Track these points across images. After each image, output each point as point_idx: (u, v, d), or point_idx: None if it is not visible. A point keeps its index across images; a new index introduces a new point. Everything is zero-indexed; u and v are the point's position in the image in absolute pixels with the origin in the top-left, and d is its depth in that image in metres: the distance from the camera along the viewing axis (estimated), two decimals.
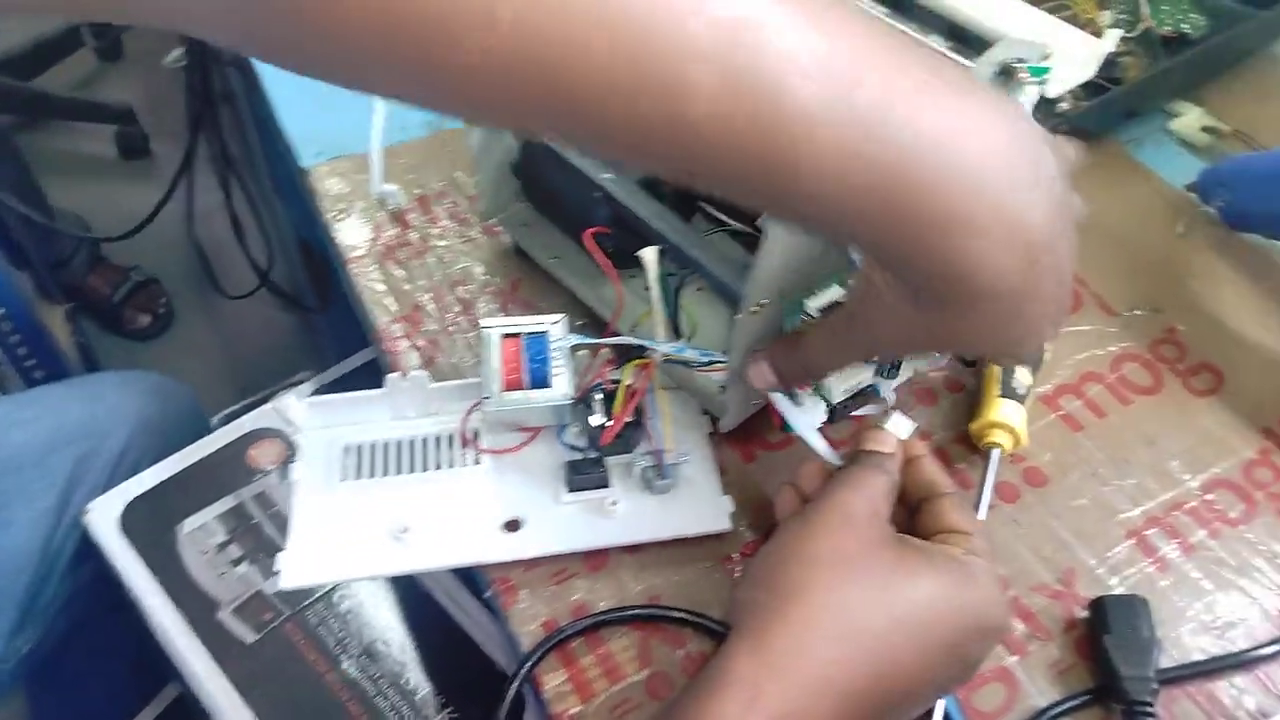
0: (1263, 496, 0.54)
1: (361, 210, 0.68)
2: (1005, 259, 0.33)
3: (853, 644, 0.38)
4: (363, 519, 0.52)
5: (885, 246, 0.33)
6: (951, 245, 0.32)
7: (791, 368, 0.46)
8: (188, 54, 1.09)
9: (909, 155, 0.31)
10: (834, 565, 0.39)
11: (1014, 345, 0.37)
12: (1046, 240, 0.33)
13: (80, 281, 1.62)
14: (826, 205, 0.32)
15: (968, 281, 0.33)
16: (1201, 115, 0.72)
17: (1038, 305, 0.35)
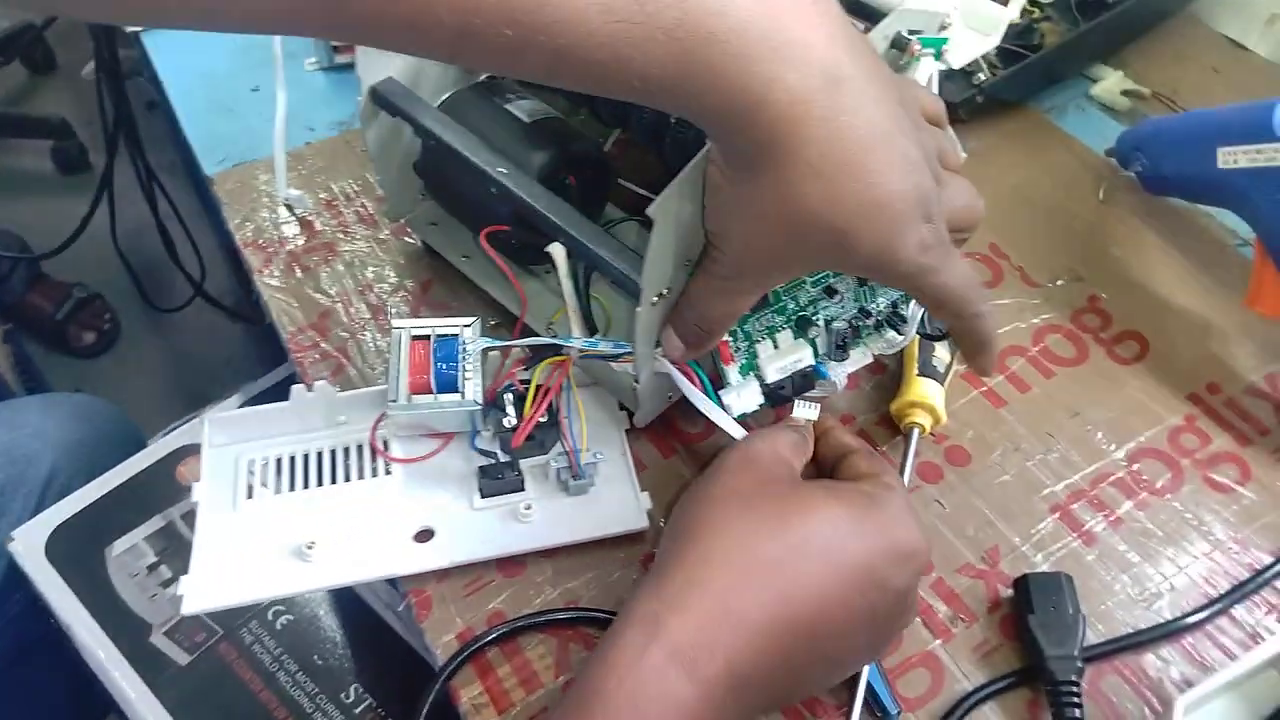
0: (1189, 464, 0.54)
1: (267, 217, 0.66)
2: (797, 77, 0.33)
3: (749, 573, 0.38)
4: (268, 537, 0.50)
5: (675, 84, 0.33)
6: (740, 67, 0.32)
7: (687, 328, 0.44)
8: (98, 66, 1.06)
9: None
10: (727, 501, 0.40)
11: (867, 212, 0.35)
12: (837, 61, 0.33)
13: (19, 300, 1.59)
14: (601, 44, 0.31)
15: (766, 108, 0.33)
16: (1121, 79, 0.72)
17: (864, 148, 0.34)
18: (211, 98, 0.75)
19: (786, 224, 0.36)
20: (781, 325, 0.49)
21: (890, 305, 0.51)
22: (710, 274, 0.42)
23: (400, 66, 0.54)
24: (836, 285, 0.50)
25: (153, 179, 1.24)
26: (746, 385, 0.49)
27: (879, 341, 0.52)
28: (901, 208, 0.36)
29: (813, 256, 0.40)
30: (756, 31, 0.32)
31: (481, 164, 0.50)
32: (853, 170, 0.35)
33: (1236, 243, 0.63)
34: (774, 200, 0.36)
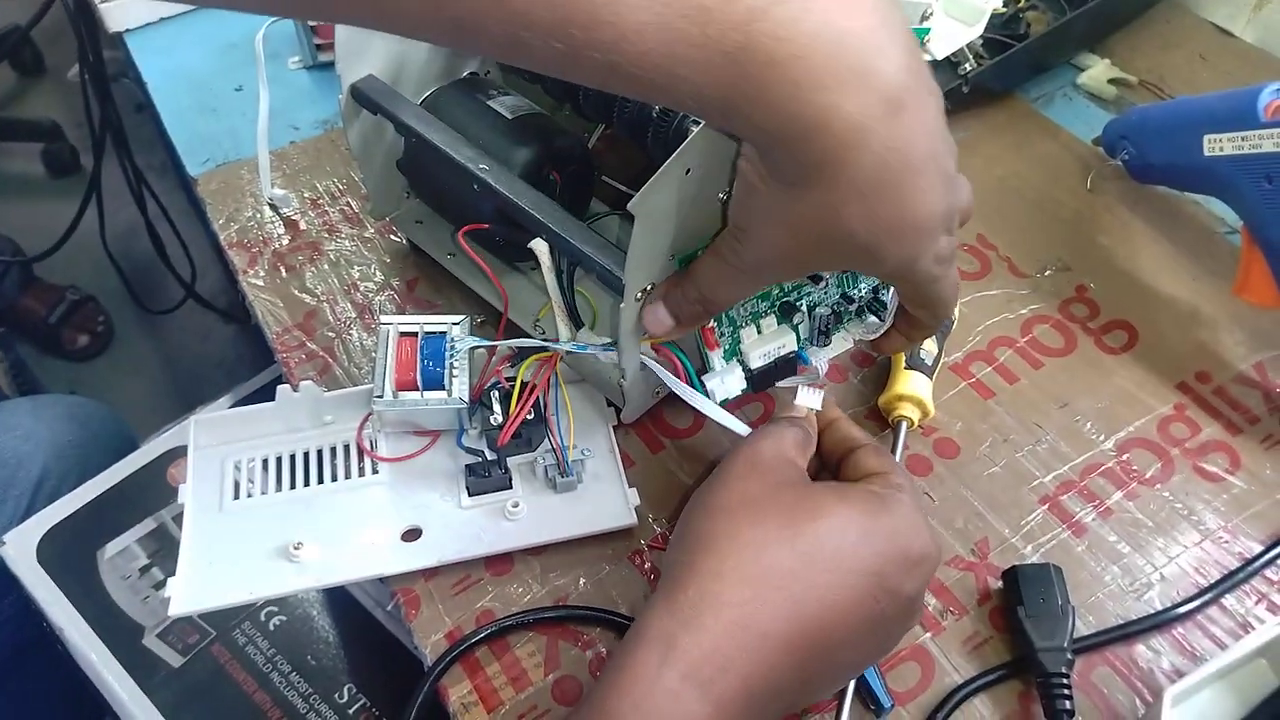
0: (1179, 453, 0.54)
1: (252, 216, 0.66)
2: (857, 105, 0.32)
3: (763, 584, 0.37)
4: (256, 538, 0.50)
5: (729, 105, 0.32)
6: (799, 95, 0.31)
7: (686, 305, 0.43)
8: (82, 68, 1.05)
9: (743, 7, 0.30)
10: (739, 510, 0.39)
11: (898, 233, 0.35)
12: (902, 87, 0.32)
13: (12, 303, 1.59)
14: (657, 64, 0.31)
15: (821, 135, 0.32)
16: (1108, 67, 0.72)
17: (913, 172, 0.34)
18: (195, 98, 0.75)
19: (820, 236, 0.36)
20: (766, 310, 0.49)
21: (871, 291, 0.51)
22: (725, 260, 0.41)
23: (381, 64, 0.54)
24: (821, 272, 0.49)
25: (141, 181, 1.23)
26: (730, 371, 0.48)
27: (859, 327, 0.52)
28: (931, 226, 0.36)
29: (836, 262, 0.40)
30: (820, 58, 0.31)
31: (464, 161, 0.50)
32: (894, 194, 0.34)
33: (1224, 230, 0.63)
34: (812, 217, 0.35)
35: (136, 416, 0.93)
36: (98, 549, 0.73)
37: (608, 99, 0.51)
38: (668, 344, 0.48)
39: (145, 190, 1.23)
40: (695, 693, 0.35)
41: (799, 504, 0.39)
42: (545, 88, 0.55)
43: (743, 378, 0.49)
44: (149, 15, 0.81)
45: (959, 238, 0.61)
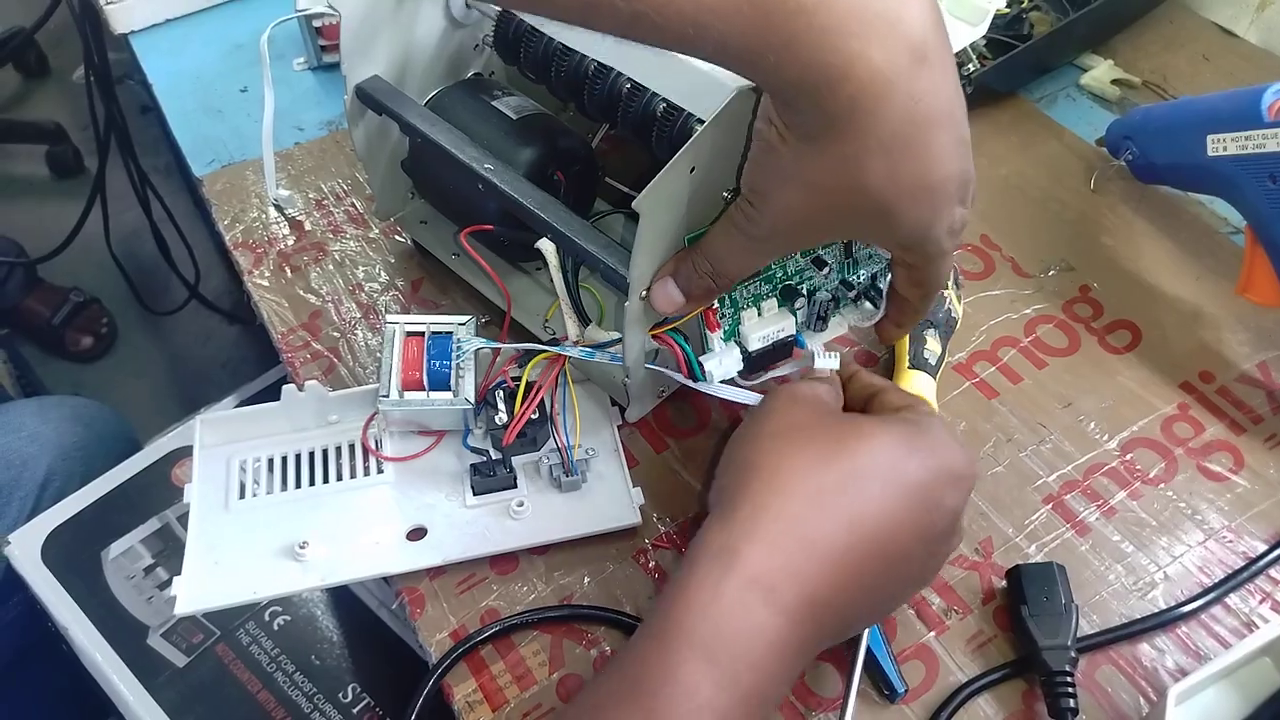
0: (1182, 453, 0.54)
1: (257, 217, 0.66)
2: (883, 54, 0.31)
3: (815, 498, 0.38)
4: (261, 537, 0.50)
5: (755, 53, 0.32)
6: (825, 42, 0.31)
7: (696, 279, 0.43)
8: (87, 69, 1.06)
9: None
10: (786, 435, 0.40)
11: (918, 192, 0.35)
12: (926, 39, 0.32)
13: (16, 305, 1.59)
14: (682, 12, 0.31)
15: (847, 84, 0.32)
16: (1111, 68, 0.72)
17: (936, 127, 0.34)
18: (200, 99, 0.75)
19: (839, 195, 0.36)
20: (768, 294, 0.49)
21: (870, 278, 0.51)
22: (738, 229, 0.41)
23: (386, 65, 0.54)
24: (825, 257, 0.49)
25: (146, 182, 1.23)
26: (728, 352, 0.48)
27: (855, 313, 0.52)
28: (948, 190, 0.36)
29: (850, 227, 0.40)
30: (847, 4, 0.31)
31: (468, 161, 0.50)
32: (917, 151, 0.34)
33: (1227, 230, 0.63)
34: (833, 171, 0.35)
35: (139, 418, 0.94)
36: (102, 549, 0.73)
37: (612, 99, 0.51)
38: (670, 332, 0.48)
39: (150, 192, 1.23)
40: (760, 600, 0.36)
41: (843, 427, 0.40)
42: (550, 88, 0.55)
43: (739, 359, 0.49)
44: (154, 17, 0.81)
45: (965, 237, 0.61)
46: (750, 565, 0.36)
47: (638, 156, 0.60)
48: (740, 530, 0.37)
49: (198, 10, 0.83)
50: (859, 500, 0.38)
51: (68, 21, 1.04)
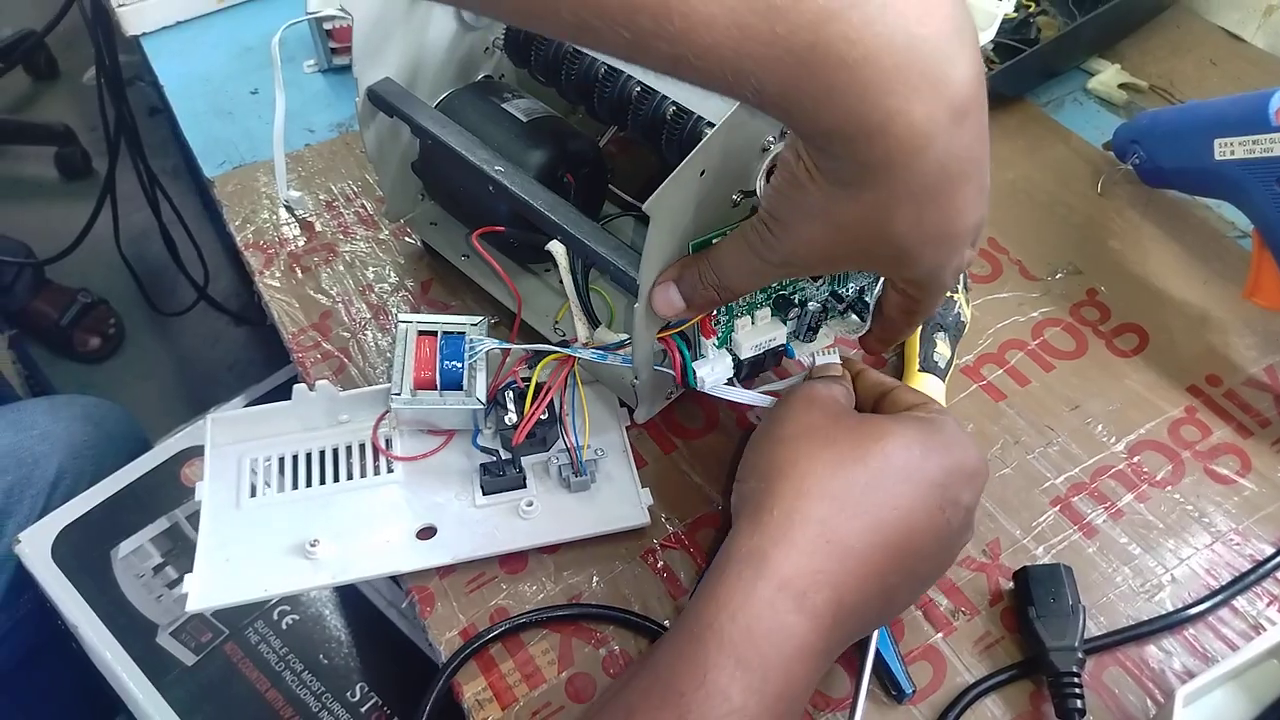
0: (1189, 455, 0.54)
1: (268, 218, 0.67)
2: (924, 111, 0.31)
3: (841, 501, 0.39)
4: (272, 535, 0.50)
5: (792, 102, 0.32)
6: (867, 96, 0.31)
7: (701, 289, 0.43)
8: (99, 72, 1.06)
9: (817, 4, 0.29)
10: (808, 438, 0.41)
11: (939, 241, 0.36)
12: (969, 97, 0.32)
13: (25, 306, 1.59)
14: (723, 58, 0.31)
15: (884, 138, 0.32)
16: (1118, 72, 0.72)
17: (965, 180, 0.34)
18: (211, 101, 0.76)
19: (863, 239, 0.36)
20: (762, 303, 0.49)
21: (858, 291, 0.51)
22: (752, 249, 0.40)
23: (397, 67, 0.55)
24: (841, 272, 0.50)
25: (155, 184, 1.24)
26: (720, 359, 0.49)
27: (841, 325, 0.52)
28: (964, 238, 0.37)
29: (864, 263, 0.40)
30: (891, 62, 0.31)
31: (479, 163, 0.51)
32: (943, 202, 0.34)
33: (1235, 234, 0.63)
34: (860, 217, 0.35)
35: (146, 418, 0.94)
36: (111, 548, 0.74)
37: (622, 102, 0.52)
38: (673, 335, 0.48)
39: (159, 193, 1.24)
40: (792, 605, 0.37)
41: (862, 428, 0.41)
42: (560, 91, 0.55)
43: (731, 366, 0.49)
44: (165, 19, 0.82)
45: None
46: (781, 570, 0.37)
47: (645, 158, 0.60)
48: (770, 535, 0.38)
49: (208, 12, 0.83)
50: (881, 501, 0.39)
51: (77, 24, 1.05)
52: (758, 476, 0.41)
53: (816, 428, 0.42)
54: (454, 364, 0.51)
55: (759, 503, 0.39)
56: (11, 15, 1.73)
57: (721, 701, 0.35)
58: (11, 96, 2.06)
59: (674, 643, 0.37)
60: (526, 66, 0.56)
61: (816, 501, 0.39)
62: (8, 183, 1.92)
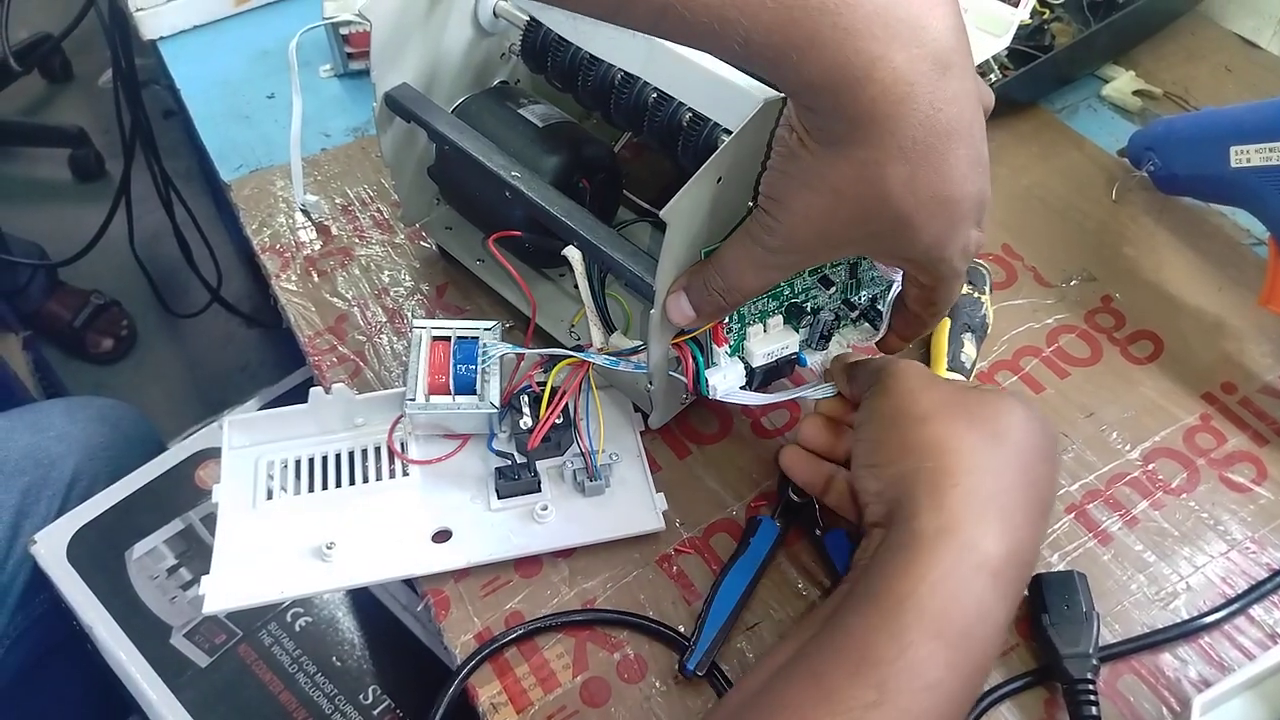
0: (1204, 463, 0.54)
1: (284, 222, 0.67)
2: (905, 58, 0.32)
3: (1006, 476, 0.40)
4: (288, 537, 0.51)
5: (778, 51, 0.32)
6: (848, 43, 0.32)
7: (708, 295, 0.43)
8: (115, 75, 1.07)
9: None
10: (950, 413, 0.42)
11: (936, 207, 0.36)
12: (950, 47, 0.33)
13: (38, 307, 1.60)
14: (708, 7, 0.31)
15: (868, 86, 0.32)
16: (1133, 79, 0.72)
17: (956, 139, 0.34)
18: (228, 105, 0.76)
19: (858, 203, 0.36)
20: (774, 310, 0.50)
21: (870, 299, 0.51)
22: (754, 241, 0.41)
23: (415, 73, 0.55)
24: (831, 277, 0.50)
25: (169, 186, 1.25)
26: (732, 366, 0.49)
27: (854, 333, 0.52)
28: (965, 208, 0.37)
29: (866, 240, 0.39)
30: (870, 7, 0.32)
31: (495, 168, 0.51)
32: (936, 161, 0.35)
33: (1250, 242, 0.63)
34: (854, 178, 0.35)
35: (158, 419, 0.94)
36: (126, 549, 0.74)
37: (638, 108, 0.52)
38: (688, 341, 0.49)
39: (173, 195, 1.24)
40: (989, 581, 0.37)
41: (984, 401, 0.43)
42: (576, 97, 0.55)
43: (742, 374, 0.49)
44: (182, 23, 0.83)
45: (987, 247, 0.62)
46: (981, 547, 0.37)
47: (659, 164, 0.60)
48: (958, 513, 0.38)
49: (225, 17, 0.84)
50: (1030, 470, 0.41)
51: (92, 27, 1.06)
52: (918, 456, 0.41)
53: (945, 403, 0.42)
54: (467, 369, 0.52)
55: (934, 482, 0.39)
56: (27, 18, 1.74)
57: (921, 675, 0.35)
58: (26, 99, 2.07)
59: (863, 612, 0.37)
60: (543, 72, 0.56)
61: (990, 475, 0.39)
62: (22, 185, 1.92)
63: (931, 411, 0.42)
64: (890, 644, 0.35)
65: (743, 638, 0.48)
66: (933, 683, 0.35)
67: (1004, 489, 0.39)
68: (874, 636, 0.36)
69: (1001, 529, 0.38)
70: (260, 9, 0.84)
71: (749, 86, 0.44)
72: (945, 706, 0.35)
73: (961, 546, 0.37)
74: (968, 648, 0.36)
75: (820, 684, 0.36)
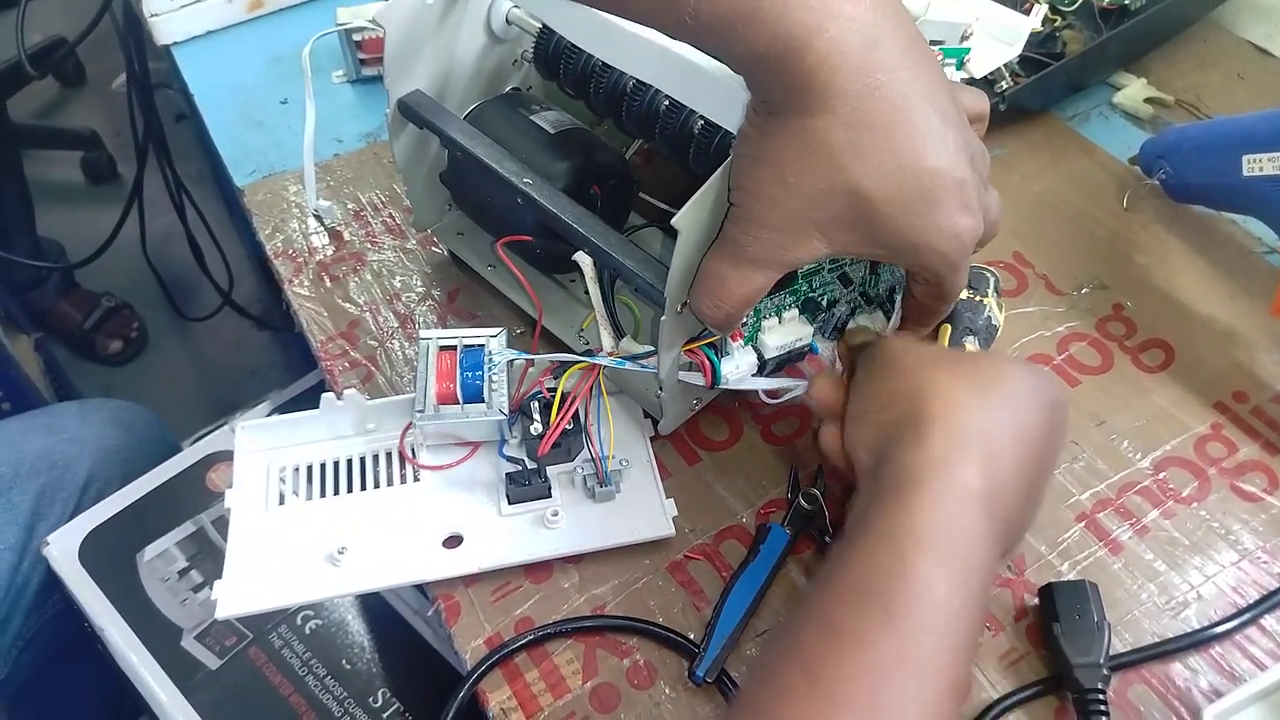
0: (1215, 472, 0.54)
1: (296, 227, 0.68)
2: (838, 29, 0.34)
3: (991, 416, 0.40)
4: (300, 542, 0.51)
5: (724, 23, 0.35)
6: (786, 14, 0.34)
7: (704, 304, 0.43)
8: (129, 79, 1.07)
9: None
10: (937, 365, 0.42)
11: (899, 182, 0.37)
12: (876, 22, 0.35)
13: (50, 307, 1.62)
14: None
15: (806, 55, 0.34)
16: (1144, 86, 0.72)
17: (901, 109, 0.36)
18: (241, 110, 0.76)
19: (807, 173, 0.37)
20: (790, 304, 0.50)
21: (888, 290, 0.52)
22: (721, 240, 0.41)
23: (428, 79, 0.55)
24: (852, 274, 0.50)
25: (182, 189, 1.25)
26: (744, 355, 0.49)
27: (869, 323, 0.52)
28: (934, 186, 0.37)
29: (832, 221, 0.39)
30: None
31: (507, 174, 0.51)
32: (882, 131, 0.36)
33: (1262, 250, 0.63)
34: (796, 145, 0.37)
35: (167, 421, 0.95)
36: (137, 551, 0.74)
37: (650, 116, 0.52)
38: (703, 347, 0.49)
39: (185, 198, 1.25)
40: (979, 509, 0.37)
41: (974, 361, 0.44)
42: (588, 104, 0.56)
43: (754, 363, 0.50)
44: (196, 29, 0.83)
45: (995, 254, 0.62)
46: (965, 478, 0.38)
47: (669, 170, 0.60)
48: (942, 449, 0.38)
49: (238, 22, 0.84)
50: (1022, 420, 0.40)
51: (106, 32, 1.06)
52: (903, 403, 0.41)
53: (936, 358, 0.43)
54: (474, 377, 0.52)
55: (918, 422, 0.40)
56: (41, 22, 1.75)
57: (925, 594, 0.35)
58: (40, 102, 2.08)
59: (862, 549, 0.37)
60: (555, 79, 0.57)
61: (975, 415, 0.39)
62: (35, 187, 1.93)
63: (922, 363, 0.43)
64: (890, 569, 0.36)
65: (752, 645, 0.48)
66: (939, 601, 0.35)
67: (988, 430, 0.39)
68: (873, 567, 0.36)
69: (984, 465, 0.38)
70: (273, 15, 0.85)
71: None
72: (953, 625, 0.35)
73: (946, 477, 0.38)
74: (969, 574, 0.36)
75: (827, 620, 0.36)
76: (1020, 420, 0.41)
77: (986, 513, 0.38)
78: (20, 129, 1.95)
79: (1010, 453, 0.40)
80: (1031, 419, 0.41)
